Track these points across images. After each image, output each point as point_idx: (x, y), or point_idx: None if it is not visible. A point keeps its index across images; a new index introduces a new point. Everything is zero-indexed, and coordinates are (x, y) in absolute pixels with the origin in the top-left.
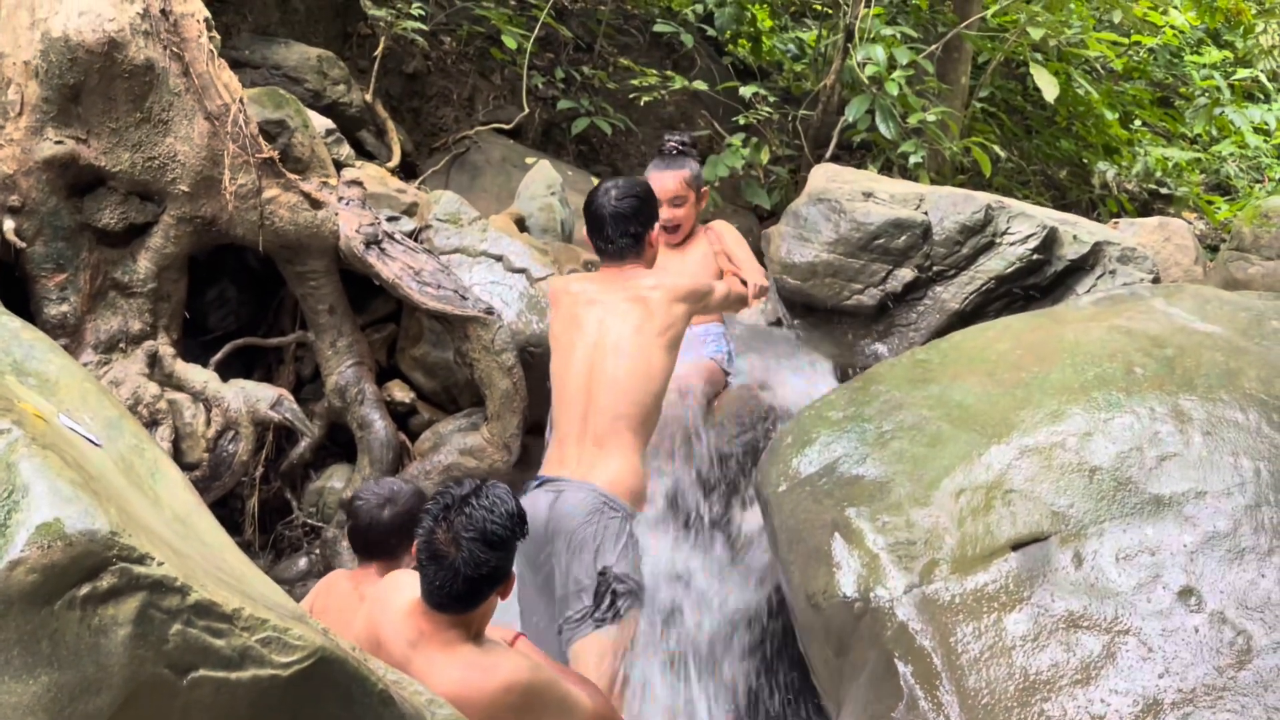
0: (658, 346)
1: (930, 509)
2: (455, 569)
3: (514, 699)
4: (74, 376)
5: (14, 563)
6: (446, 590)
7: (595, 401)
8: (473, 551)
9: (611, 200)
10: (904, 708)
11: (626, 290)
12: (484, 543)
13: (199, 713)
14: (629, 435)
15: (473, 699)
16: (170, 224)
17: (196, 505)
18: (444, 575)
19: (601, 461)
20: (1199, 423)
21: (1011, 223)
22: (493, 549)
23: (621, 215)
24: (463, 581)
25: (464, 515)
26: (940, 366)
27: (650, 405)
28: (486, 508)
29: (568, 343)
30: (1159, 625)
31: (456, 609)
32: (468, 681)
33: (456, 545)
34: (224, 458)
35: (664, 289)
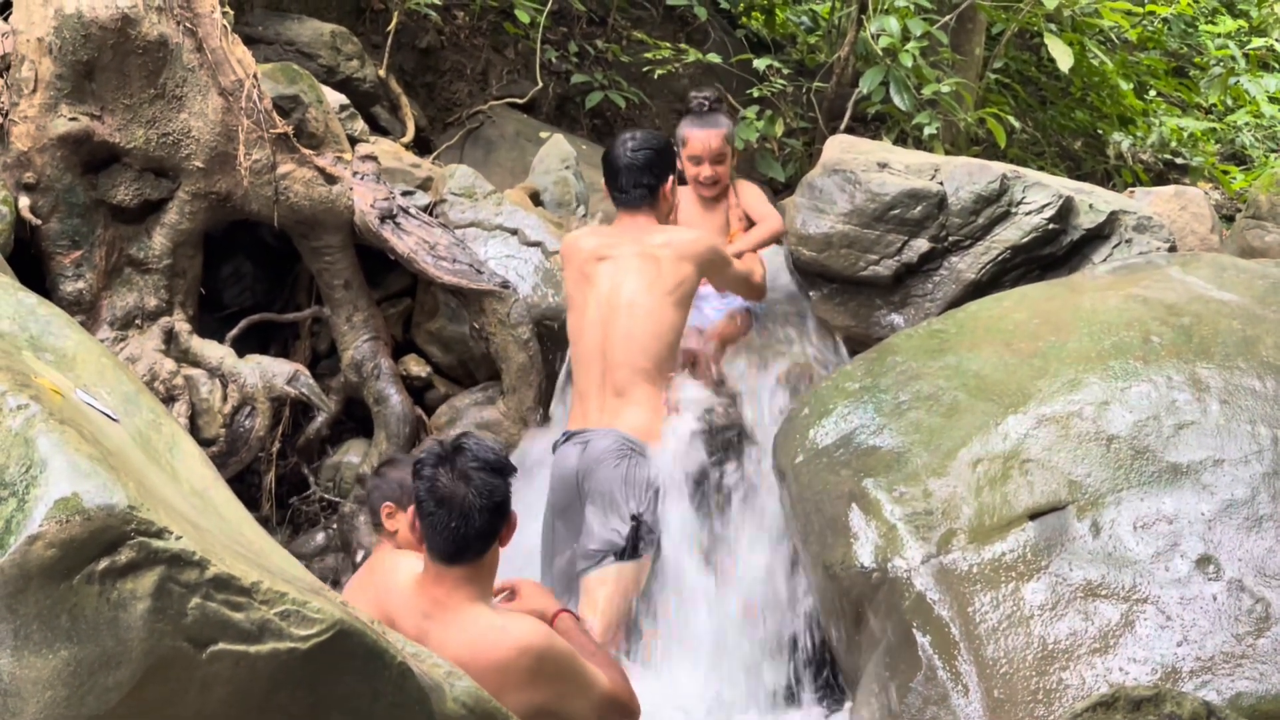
0: (668, 304)
1: (947, 479)
2: (469, 504)
3: (528, 662)
4: (91, 352)
5: (33, 537)
6: (463, 530)
7: (611, 358)
8: (484, 480)
9: (628, 150)
10: (922, 678)
11: (638, 245)
12: (491, 469)
13: (218, 686)
14: (647, 385)
15: (487, 661)
16: (185, 200)
17: (214, 480)
18: (458, 514)
19: (624, 409)
20: (1216, 391)
21: (1027, 192)
22: (500, 475)
23: (636, 166)
24: (480, 513)
25: (464, 454)
26: (956, 337)
27: (666, 356)
28: (479, 442)
29: (582, 301)
30: (1177, 594)
31: (477, 549)
32: (481, 644)
33: (465, 480)
34: (241, 433)
35: (673, 247)
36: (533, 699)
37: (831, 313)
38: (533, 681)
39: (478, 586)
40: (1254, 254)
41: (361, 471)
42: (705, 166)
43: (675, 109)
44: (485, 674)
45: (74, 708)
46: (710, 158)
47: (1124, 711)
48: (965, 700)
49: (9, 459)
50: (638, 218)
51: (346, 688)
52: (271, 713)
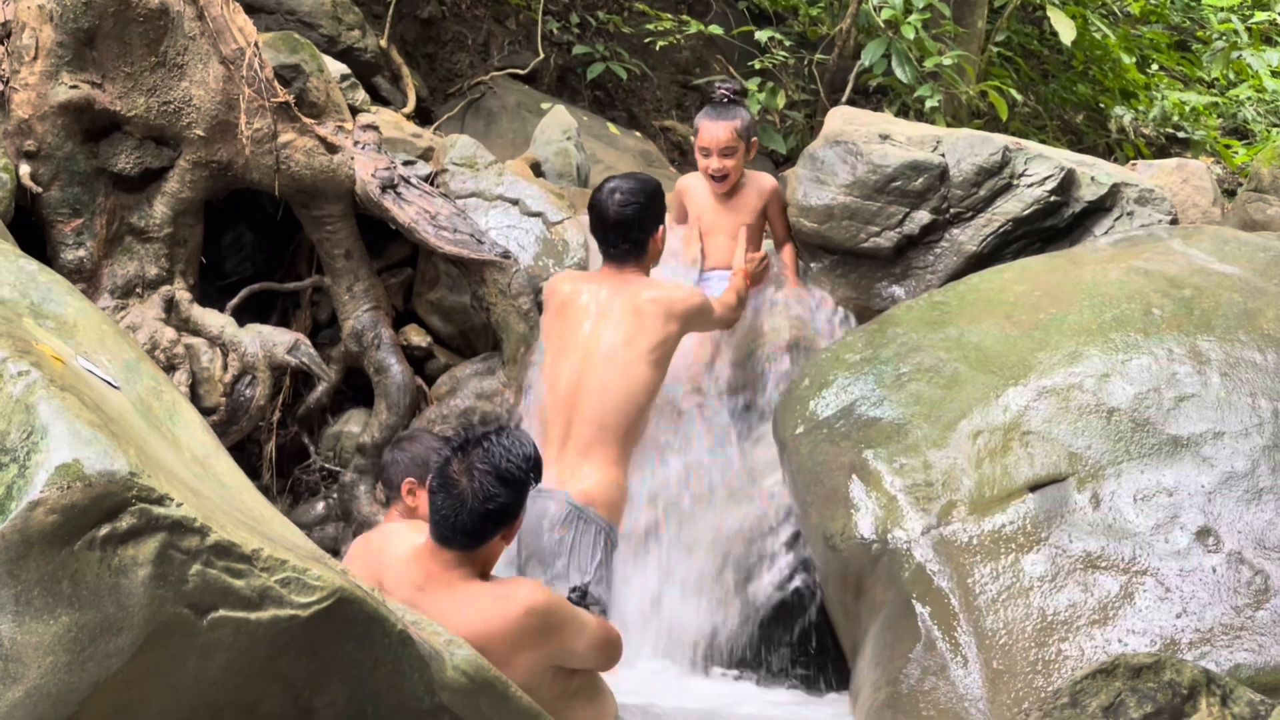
0: (646, 362)
1: (947, 451)
2: (463, 500)
3: (536, 620)
4: (92, 319)
5: (34, 503)
6: (452, 521)
7: (580, 410)
8: (484, 484)
9: (615, 205)
10: (922, 648)
11: (623, 297)
12: (496, 477)
13: (219, 653)
14: (612, 446)
15: (496, 630)
16: (186, 169)
17: (215, 447)
18: (452, 505)
19: (581, 470)
20: (1217, 363)
21: (1029, 165)
22: (504, 485)
23: (624, 222)
24: (469, 514)
25: (482, 449)
26: (957, 309)
27: (635, 417)
28: (505, 446)
29: (559, 346)
30: (1176, 566)
31: (462, 544)
32: (489, 614)
33: (469, 476)
34: (241, 402)
35: (662, 304)
36: (544, 653)
37: (832, 284)
38: (542, 638)
39: (473, 569)
40: (1255, 227)
41: (362, 441)
42: (714, 159)
43: (676, 81)
44: (497, 641)
45: (75, 673)
46: (719, 150)
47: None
48: (964, 671)
49: (10, 425)
50: (625, 271)
51: (347, 655)
52: (272, 679)
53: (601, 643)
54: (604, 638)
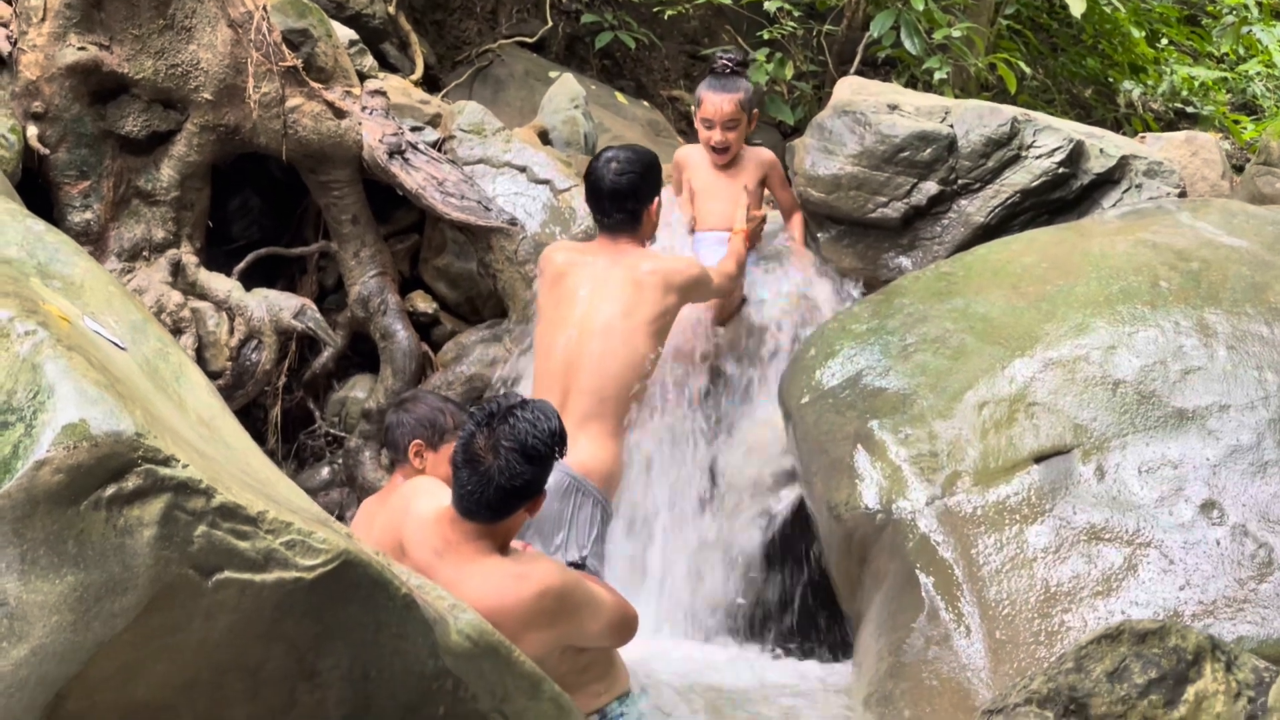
0: (645, 334)
1: (953, 421)
2: (489, 477)
3: (549, 603)
4: (99, 280)
5: (40, 463)
6: (477, 497)
7: (577, 382)
8: (509, 461)
9: (611, 174)
10: (925, 618)
11: (621, 268)
12: (522, 454)
13: (224, 614)
14: (610, 419)
15: (509, 608)
16: (193, 132)
17: (221, 410)
18: (477, 481)
19: (578, 441)
20: (1224, 336)
21: (1038, 136)
22: (529, 462)
23: (619, 191)
24: (495, 490)
25: (507, 425)
26: (964, 280)
27: (633, 389)
28: (530, 421)
29: (553, 318)
30: (1180, 538)
31: (485, 518)
32: (503, 591)
33: (494, 453)
34: (247, 366)
35: (660, 275)
36: (555, 635)
37: (839, 254)
38: (554, 620)
39: (492, 541)
40: (1264, 201)
41: (367, 407)
42: (716, 131)
43: (684, 50)
44: (509, 619)
45: (80, 632)
46: (722, 122)
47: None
48: (967, 641)
49: (16, 384)
50: (619, 241)
51: (351, 618)
52: (276, 641)
53: (617, 623)
54: (619, 618)
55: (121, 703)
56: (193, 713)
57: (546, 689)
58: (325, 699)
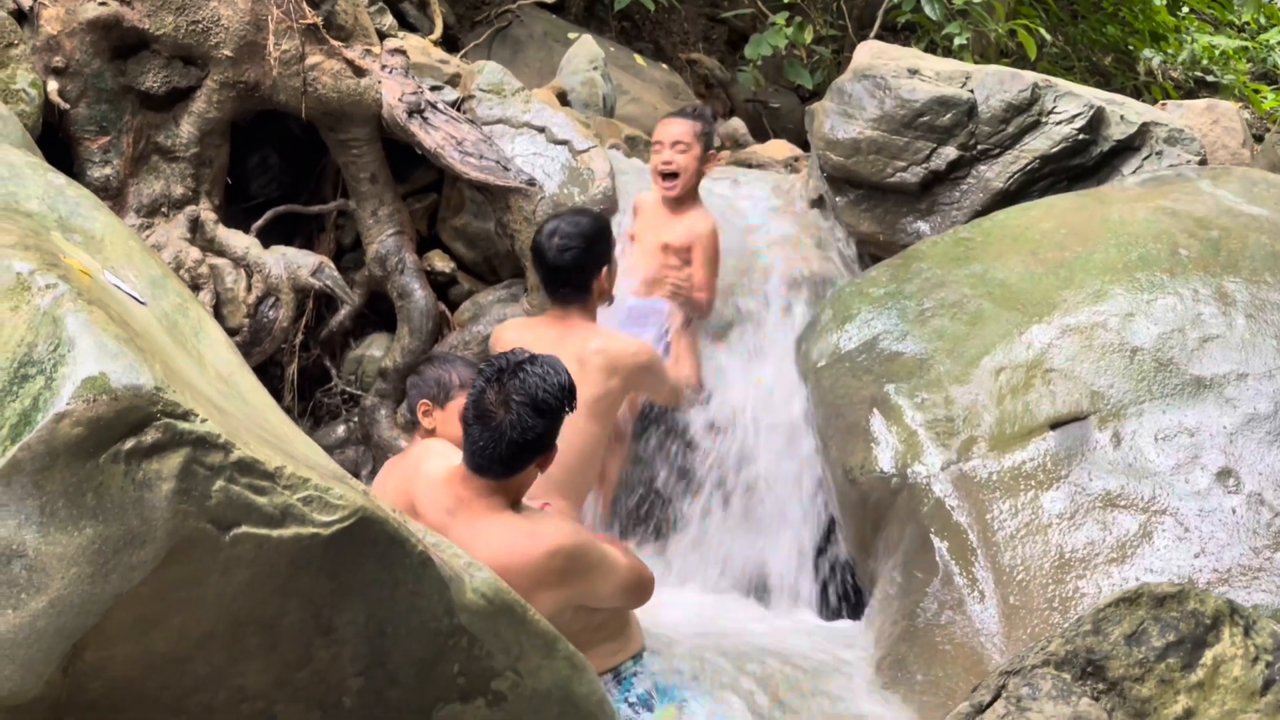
0: (585, 415)
1: (969, 387)
2: (501, 431)
3: (560, 562)
4: (119, 234)
5: (60, 415)
6: (490, 452)
7: None
8: (521, 415)
9: (554, 250)
10: (939, 582)
11: (567, 345)
12: (533, 407)
13: (240, 569)
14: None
15: (519, 565)
16: (213, 89)
17: (239, 365)
18: (489, 437)
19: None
20: (1243, 305)
21: (1058, 102)
22: (540, 415)
23: (562, 268)
24: (507, 445)
25: (517, 379)
26: (983, 245)
27: (581, 471)
28: (540, 375)
29: None
30: (1196, 506)
31: (497, 473)
32: (514, 548)
33: (506, 407)
34: (264, 323)
35: (606, 355)
36: (565, 595)
37: (857, 218)
38: (564, 580)
39: (505, 497)
40: None
41: (384, 365)
42: (664, 150)
43: (703, 13)
44: (518, 577)
45: (98, 584)
46: (670, 142)
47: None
48: (981, 606)
49: (37, 337)
50: (570, 315)
51: (367, 575)
52: (292, 597)
53: (631, 585)
54: (634, 580)
55: (139, 654)
56: (209, 665)
57: (561, 648)
58: (341, 654)
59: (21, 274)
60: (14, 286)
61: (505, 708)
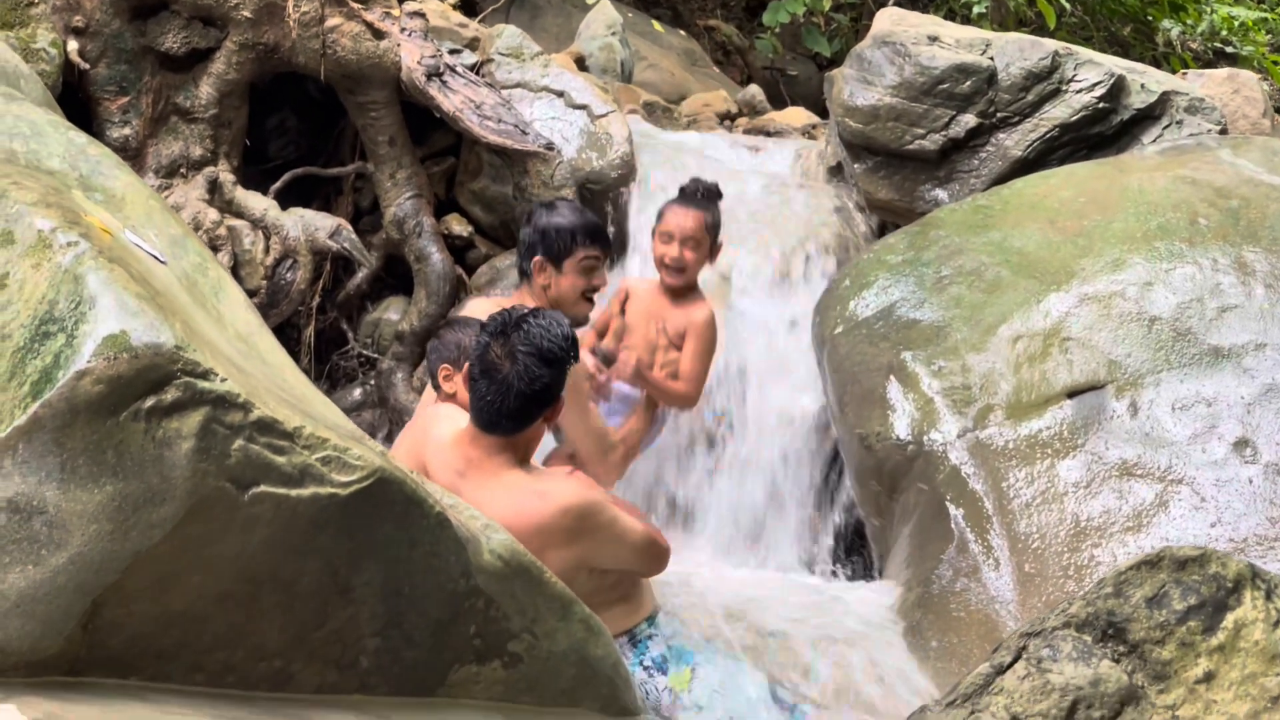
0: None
1: (987, 355)
2: (508, 383)
3: (570, 521)
4: (139, 193)
5: (81, 373)
6: (498, 406)
7: None
8: (527, 365)
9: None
10: (954, 550)
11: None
12: (539, 357)
13: (259, 528)
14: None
15: (528, 524)
16: (233, 50)
17: (259, 326)
18: (496, 390)
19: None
20: (1262, 275)
21: (1079, 70)
22: (546, 365)
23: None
24: (515, 397)
25: (521, 331)
26: (1001, 213)
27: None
28: (543, 326)
29: None
30: (1213, 475)
31: (506, 428)
32: (523, 507)
33: (511, 359)
34: (282, 285)
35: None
36: (575, 554)
37: (875, 186)
38: (574, 539)
39: (514, 454)
40: None
41: (400, 329)
42: (674, 245)
43: None
44: (527, 535)
45: (118, 542)
46: (682, 237)
47: (1169, 571)
48: (996, 573)
49: (59, 295)
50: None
51: (384, 535)
52: (311, 556)
53: (643, 551)
54: (646, 546)
55: (157, 613)
56: (227, 624)
57: (577, 611)
58: (358, 615)
59: (43, 231)
60: (35, 244)
61: (521, 669)
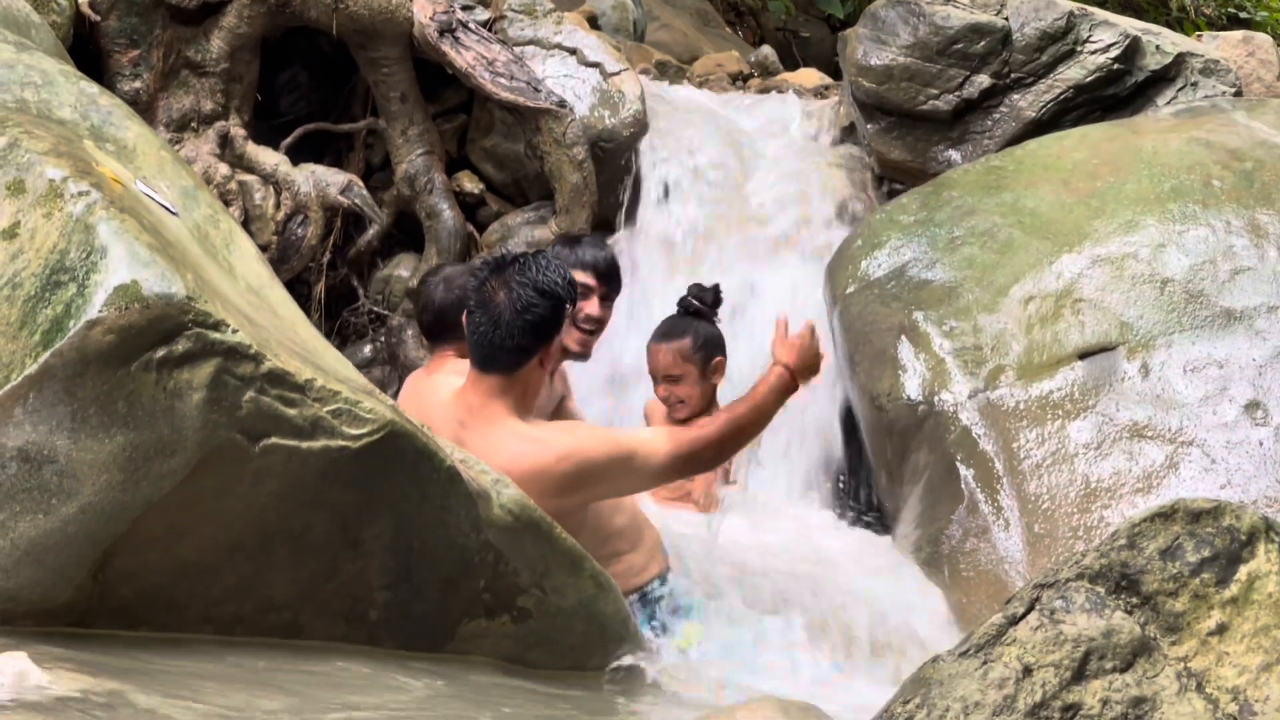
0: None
1: (998, 315)
2: (501, 313)
3: (568, 467)
4: (151, 145)
5: (92, 323)
6: (491, 337)
7: None
8: (521, 294)
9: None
10: (964, 510)
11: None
12: (534, 288)
13: (270, 480)
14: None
15: (526, 469)
16: (244, 4)
17: (270, 279)
18: (489, 320)
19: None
20: (1275, 237)
21: (1093, 31)
22: (542, 295)
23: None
24: (506, 326)
25: (518, 264)
26: (1014, 174)
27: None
28: (542, 263)
29: None
30: (1223, 437)
31: (501, 363)
32: (520, 454)
33: (507, 289)
34: (292, 241)
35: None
36: (579, 500)
37: (888, 146)
38: (574, 486)
39: (512, 400)
40: None
41: (411, 285)
42: (660, 387)
43: None
44: (525, 481)
45: (129, 492)
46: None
47: (1182, 523)
48: (1006, 534)
49: (70, 244)
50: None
51: (395, 489)
52: (321, 509)
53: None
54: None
55: (167, 563)
56: (237, 576)
57: (587, 566)
58: (367, 568)
59: (54, 181)
60: (47, 193)
61: (530, 625)
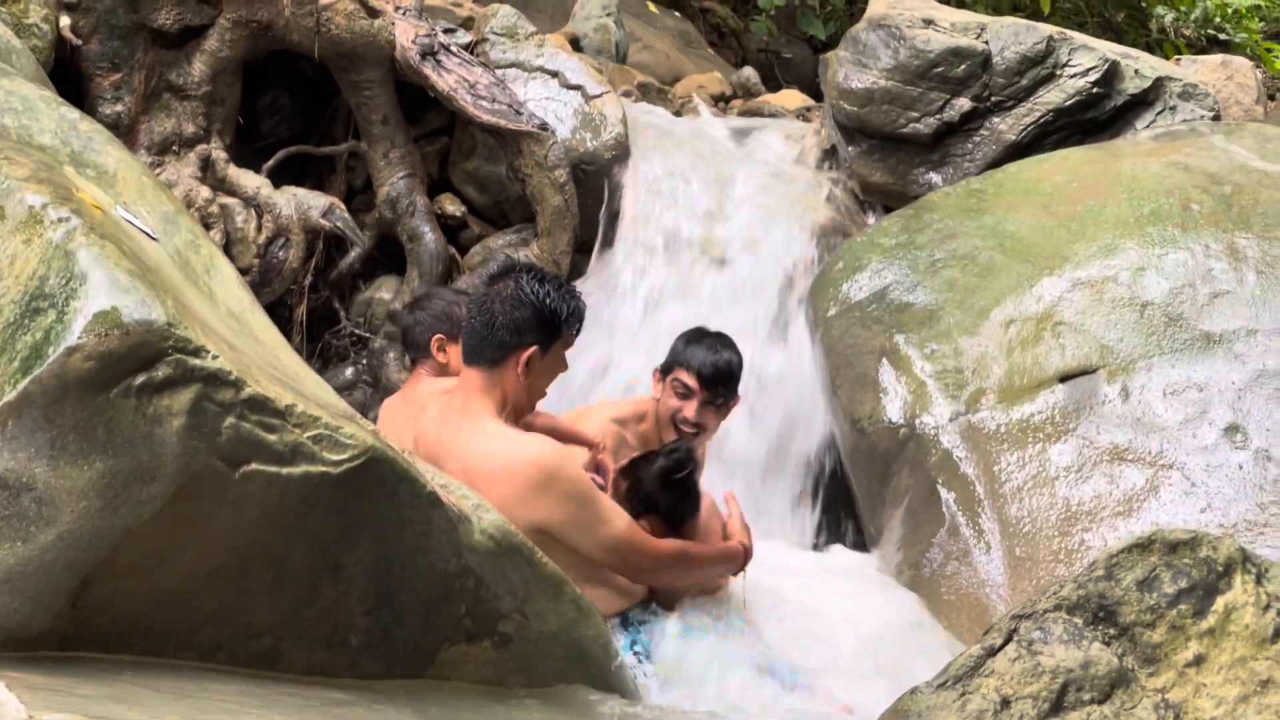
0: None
1: (979, 338)
2: (492, 311)
3: (539, 475)
4: (132, 170)
5: (71, 349)
6: (480, 331)
7: None
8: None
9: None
10: (945, 533)
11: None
12: (529, 294)
13: (250, 506)
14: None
15: (497, 467)
16: (226, 27)
17: (251, 304)
18: (481, 317)
19: None
20: (1254, 261)
21: (1073, 55)
22: (532, 303)
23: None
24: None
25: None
26: (995, 197)
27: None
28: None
29: None
30: (1203, 460)
31: (486, 357)
32: (495, 452)
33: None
34: (274, 264)
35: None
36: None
37: (869, 169)
38: (542, 497)
39: (494, 402)
40: None
41: (393, 308)
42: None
43: None
44: (495, 481)
45: (107, 519)
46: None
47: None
48: (987, 557)
49: (49, 271)
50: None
51: (376, 514)
52: (301, 534)
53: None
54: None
55: (147, 590)
56: (217, 602)
57: (568, 591)
58: (348, 593)
59: (34, 207)
60: (26, 219)
61: (511, 650)
